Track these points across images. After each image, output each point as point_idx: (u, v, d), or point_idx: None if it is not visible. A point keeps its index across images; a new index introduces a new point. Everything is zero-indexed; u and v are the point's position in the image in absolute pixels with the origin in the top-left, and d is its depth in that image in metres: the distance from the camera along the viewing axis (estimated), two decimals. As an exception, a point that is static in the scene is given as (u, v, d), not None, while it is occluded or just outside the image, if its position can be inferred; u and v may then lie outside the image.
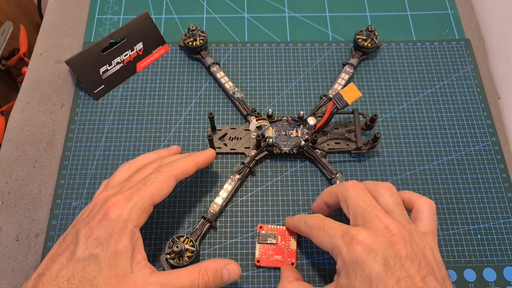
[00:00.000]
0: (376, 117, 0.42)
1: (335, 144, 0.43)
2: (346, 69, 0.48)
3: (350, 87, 0.38)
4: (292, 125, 0.44)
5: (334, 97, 0.39)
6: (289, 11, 0.54)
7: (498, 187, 0.43)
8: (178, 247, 0.35)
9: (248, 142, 0.43)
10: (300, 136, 0.43)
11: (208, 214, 0.39)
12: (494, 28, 0.52)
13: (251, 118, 0.43)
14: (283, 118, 0.44)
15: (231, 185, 0.41)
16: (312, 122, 0.42)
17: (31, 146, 0.45)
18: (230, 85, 0.46)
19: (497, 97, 0.49)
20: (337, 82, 0.47)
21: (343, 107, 0.38)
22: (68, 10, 0.53)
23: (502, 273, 0.39)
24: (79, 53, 0.45)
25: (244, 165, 0.42)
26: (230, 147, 0.43)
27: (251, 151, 0.42)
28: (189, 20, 0.53)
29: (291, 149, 0.42)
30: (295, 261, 0.38)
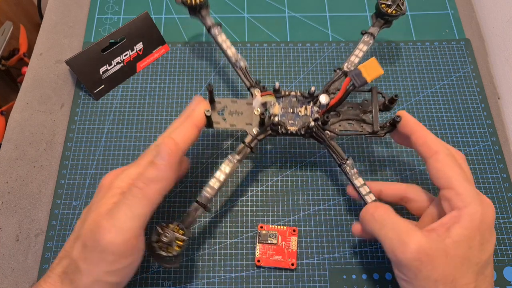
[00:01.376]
0: (397, 97, 0.36)
1: (347, 126, 0.38)
2: (365, 39, 0.42)
3: (371, 62, 0.33)
4: (301, 101, 0.39)
5: (352, 73, 0.33)
6: (289, 11, 0.54)
7: (498, 187, 0.43)
8: (167, 237, 0.32)
9: (250, 117, 0.37)
10: (309, 115, 0.38)
11: (201, 198, 0.35)
12: (494, 28, 0.52)
13: (255, 92, 0.38)
14: (291, 94, 0.39)
15: (229, 167, 0.36)
16: (324, 100, 0.37)
17: (31, 146, 0.45)
18: (233, 51, 0.41)
19: (497, 97, 0.49)
20: (354, 54, 0.41)
21: (360, 85, 0.33)
22: (68, 10, 0.53)
23: (502, 273, 0.39)
24: (79, 53, 0.45)
25: (245, 144, 0.37)
26: (230, 123, 0.37)
27: (253, 129, 0.37)
28: (189, 20, 0.53)
29: (298, 130, 0.37)
30: (295, 261, 0.38)
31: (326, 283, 0.38)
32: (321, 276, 0.39)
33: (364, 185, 0.36)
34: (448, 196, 0.30)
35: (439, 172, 0.31)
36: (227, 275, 0.38)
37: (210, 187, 0.35)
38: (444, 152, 0.32)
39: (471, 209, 0.29)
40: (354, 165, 0.37)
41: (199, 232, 0.40)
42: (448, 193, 0.30)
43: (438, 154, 0.32)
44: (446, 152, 0.32)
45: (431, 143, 0.33)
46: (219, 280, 0.38)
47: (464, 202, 0.29)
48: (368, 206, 0.34)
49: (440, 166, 0.31)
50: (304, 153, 0.44)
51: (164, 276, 0.38)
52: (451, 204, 0.30)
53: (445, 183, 0.31)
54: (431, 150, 0.32)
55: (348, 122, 0.38)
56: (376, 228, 0.32)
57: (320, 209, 0.41)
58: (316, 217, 0.41)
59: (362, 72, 0.33)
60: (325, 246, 0.40)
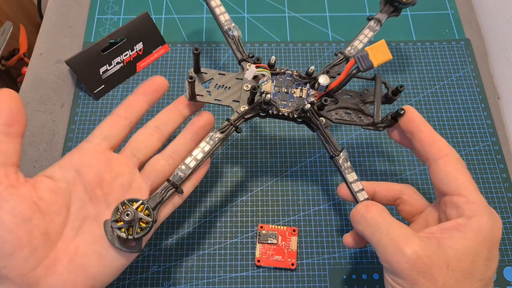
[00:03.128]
0: (402, 88, 0.33)
1: (344, 115, 0.35)
2: (371, 25, 0.39)
3: (380, 45, 0.30)
4: (296, 82, 0.35)
5: (357, 55, 0.30)
6: (289, 11, 0.54)
7: (498, 187, 0.43)
8: (128, 215, 0.27)
9: (238, 94, 0.34)
10: (305, 98, 0.35)
11: (174, 177, 0.31)
12: (494, 28, 0.52)
13: (247, 66, 0.35)
14: (286, 72, 0.35)
15: (209, 145, 0.32)
16: (324, 81, 0.33)
17: (31, 146, 0.45)
18: (226, 18, 0.37)
19: (497, 97, 0.49)
20: (358, 39, 0.38)
21: (366, 69, 0.30)
22: (68, 10, 0.53)
23: (502, 273, 0.39)
24: (79, 53, 0.45)
25: (229, 122, 0.33)
26: (215, 97, 0.34)
27: (241, 107, 0.33)
28: (189, 20, 0.53)
29: (291, 112, 0.34)
30: (295, 261, 0.38)
31: (326, 283, 0.38)
32: (321, 276, 0.39)
33: (357, 181, 0.33)
34: (457, 203, 0.28)
35: (448, 176, 0.28)
36: (227, 275, 0.38)
37: (186, 166, 0.31)
38: (455, 155, 0.29)
39: (481, 220, 0.27)
40: (347, 159, 0.34)
41: (199, 232, 0.40)
42: (458, 199, 0.28)
43: (449, 157, 0.29)
44: (456, 156, 0.29)
45: (441, 144, 0.30)
46: (219, 280, 0.38)
47: (474, 212, 0.27)
48: (359, 206, 0.30)
49: (451, 170, 0.29)
50: (304, 153, 0.44)
51: (164, 276, 0.38)
52: (459, 212, 0.27)
53: (455, 189, 0.28)
54: (441, 151, 0.29)
55: (346, 111, 0.35)
56: (368, 232, 0.28)
57: (320, 209, 0.41)
58: (316, 217, 0.41)
59: (370, 54, 0.30)
60: (325, 246, 0.40)
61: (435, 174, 0.30)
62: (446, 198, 0.29)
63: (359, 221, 0.29)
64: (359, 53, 0.30)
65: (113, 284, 0.38)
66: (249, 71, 0.34)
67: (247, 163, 0.44)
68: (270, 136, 0.45)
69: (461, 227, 0.27)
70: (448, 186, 0.28)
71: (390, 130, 0.35)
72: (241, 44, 0.36)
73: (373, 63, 0.30)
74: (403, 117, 0.32)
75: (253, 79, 0.34)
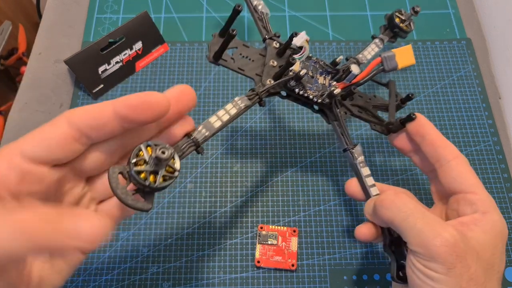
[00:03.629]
0: (412, 96, 0.34)
1: (357, 112, 0.36)
2: (376, 41, 0.40)
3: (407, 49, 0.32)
4: (320, 69, 0.35)
5: (384, 54, 0.32)
6: (289, 10, 0.54)
7: (499, 187, 0.43)
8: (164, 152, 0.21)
9: (261, 68, 0.33)
10: (327, 86, 0.35)
11: (198, 134, 0.26)
12: (496, 28, 0.52)
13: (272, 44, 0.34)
14: (312, 59, 0.35)
15: (235, 108, 0.29)
16: (356, 70, 0.33)
17: (29, 146, 0.44)
18: None
19: (498, 96, 0.48)
20: (367, 50, 0.40)
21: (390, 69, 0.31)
22: (67, 10, 0.53)
23: (504, 274, 0.39)
24: (78, 53, 0.45)
25: (255, 92, 0.31)
26: (239, 65, 0.33)
27: (267, 80, 0.32)
28: (188, 20, 0.53)
29: (316, 96, 0.33)
30: (295, 262, 0.38)
31: (327, 284, 0.38)
32: (322, 277, 0.38)
33: (370, 176, 0.33)
34: (472, 200, 0.29)
35: (461, 175, 0.30)
36: (227, 276, 0.38)
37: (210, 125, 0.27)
38: (465, 158, 0.31)
39: (495, 216, 0.28)
40: (362, 152, 0.34)
41: (198, 233, 0.40)
42: (472, 197, 0.29)
43: (460, 159, 0.31)
44: (466, 158, 0.31)
45: (453, 147, 0.32)
46: (218, 281, 0.38)
47: (487, 208, 0.29)
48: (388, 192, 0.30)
49: (464, 170, 0.30)
50: (304, 153, 0.44)
51: (163, 277, 0.38)
52: (474, 208, 0.29)
53: (469, 188, 0.30)
54: (453, 153, 0.31)
55: (359, 110, 0.36)
56: (399, 217, 0.28)
57: (321, 209, 0.41)
58: (316, 218, 0.41)
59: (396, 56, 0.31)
60: (326, 246, 0.40)
61: (447, 174, 0.31)
62: (458, 196, 0.30)
63: (389, 207, 0.29)
64: (386, 53, 0.31)
65: (112, 285, 0.37)
66: (299, 36, 0.33)
67: (247, 163, 0.43)
68: (270, 136, 0.45)
69: (478, 222, 0.28)
70: (462, 184, 0.30)
71: (393, 137, 0.35)
72: (268, 22, 0.36)
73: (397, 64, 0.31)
74: (413, 122, 0.33)
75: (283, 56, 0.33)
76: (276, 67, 0.33)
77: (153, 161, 0.21)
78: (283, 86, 0.33)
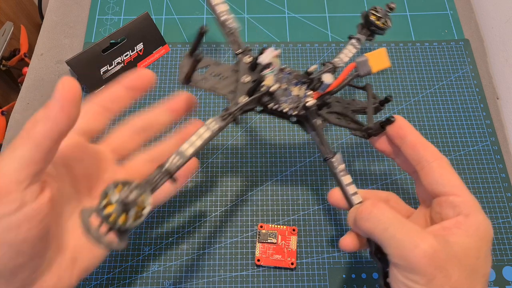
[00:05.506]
0: (390, 99, 0.33)
1: (335, 119, 0.35)
2: (353, 42, 0.39)
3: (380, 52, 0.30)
4: (295, 81, 0.34)
5: (358, 59, 0.31)
6: (289, 12, 0.54)
7: (497, 187, 0.43)
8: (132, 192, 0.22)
9: (234, 85, 0.32)
10: (303, 97, 0.34)
11: (169, 164, 0.27)
12: (493, 29, 0.52)
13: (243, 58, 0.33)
14: (286, 69, 0.34)
15: (209, 132, 0.29)
16: (328, 80, 0.32)
17: (32, 146, 0.45)
18: (223, 8, 0.35)
19: (496, 97, 0.49)
20: (343, 53, 0.39)
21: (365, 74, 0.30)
22: (68, 11, 0.54)
23: (501, 273, 0.39)
24: (80, 54, 0.45)
25: (228, 112, 0.31)
26: (211, 84, 0.32)
27: (240, 97, 0.32)
28: (189, 21, 0.53)
29: (291, 109, 0.33)
30: (295, 260, 0.39)
31: (326, 282, 0.38)
32: (321, 276, 0.39)
33: (351, 184, 0.32)
34: (454, 202, 0.28)
35: (443, 177, 0.29)
36: (227, 274, 0.39)
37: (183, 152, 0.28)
38: (446, 159, 0.30)
39: (479, 217, 0.28)
40: (342, 161, 0.33)
41: (199, 231, 0.40)
42: (455, 199, 0.28)
43: (441, 160, 0.30)
44: (447, 160, 0.30)
45: (433, 148, 0.31)
46: (219, 279, 0.38)
47: (471, 210, 0.28)
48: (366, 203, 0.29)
49: (446, 172, 0.30)
50: (303, 153, 0.44)
51: (164, 276, 0.38)
52: (457, 210, 0.28)
53: (451, 189, 0.29)
54: (434, 154, 0.30)
55: (337, 117, 0.35)
56: (379, 228, 0.27)
57: (320, 208, 0.42)
58: (315, 217, 0.41)
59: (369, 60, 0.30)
60: (325, 245, 0.40)
61: (428, 176, 0.30)
62: (441, 198, 0.29)
63: (368, 218, 0.28)
64: (359, 58, 0.30)
65: (114, 284, 0.38)
66: (266, 53, 0.32)
67: (247, 162, 0.44)
68: (269, 136, 0.45)
69: (462, 225, 0.27)
70: (443, 186, 0.29)
71: (374, 140, 0.34)
72: (239, 37, 0.35)
73: (371, 69, 0.30)
74: (393, 124, 0.32)
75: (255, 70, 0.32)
76: (249, 83, 0.32)
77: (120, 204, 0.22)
78: (257, 102, 0.32)
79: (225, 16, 0.35)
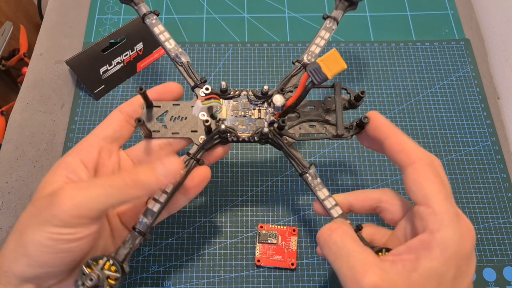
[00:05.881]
0: (363, 94, 0.31)
1: (309, 128, 0.33)
2: (327, 25, 0.36)
3: (331, 54, 0.28)
4: (253, 102, 0.34)
5: (309, 68, 0.28)
6: (289, 11, 0.54)
7: (498, 187, 0.43)
8: (92, 280, 0.25)
9: (196, 124, 0.33)
10: (264, 118, 0.33)
11: (141, 225, 0.30)
12: (494, 28, 0.52)
13: (199, 93, 0.33)
14: (242, 93, 0.34)
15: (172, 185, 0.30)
16: (279, 102, 0.31)
17: (31, 146, 0.45)
18: (172, 44, 0.35)
19: (496, 97, 0.49)
20: (314, 43, 0.36)
21: (321, 81, 0.28)
22: (68, 10, 0.53)
23: (502, 273, 0.39)
24: (79, 53, 0.45)
25: (190, 156, 0.31)
26: (172, 130, 0.32)
27: (199, 137, 0.32)
28: (189, 20, 0.53)
29: (251, 136, 0.33)
30: (295, 261, 0.38)
31: (326, 283, 0.38)
32: (321, 276, 0.39)
33: (329, 197, 0.31)
34: (422, 215, 0.25)
35: (415, 184, 0.26)
36: (227, 275, 0.39)
37: (150, 211, 0.30)
38: (425, 161, 0.27)
39: (446, 234, 0.24)
40: (317, 174, 0.32)
41: (199, 232, 0.40)
42: (424, 210, 0.25)
43: (417, 163, 0.27)
44: (426, 161, 0.27)
45: (410, 150, 0.27)
46: (219, 280, 0.38)
47: (439, 225, 0.24)
48: (323, 229, 0.28)
49: (418, 177, 0.26)
50: (304, 153, 0.44)
51: (164, 276, 0.38)
52: (423, 225, 0.25)
53: (421, 199, 0.26)
54: (409, 158, 0.27)
55: (310, 124, 0.33)
56: (330, 259, 0.26)
57: (320, 209, 0.41)
58: (316, 217, 0.41)
59: (322, 66, 0.28)
60: (325, 246, 0.40)
61: (405, 182, 0.27)
62: (415, 208, 0.27)
63: (322, 245, 0.28)
64: (310, 66, 0.28)
65: (113, 284, 0.38)
66: (195, 107, 0.32)
67: (247, 163, 0.44)
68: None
69: (427, 245, 0.24)
70: (415, 195, 0.26)
71: (359, 137, 0.32)
72: (192, 70, 0.34)
73: (327, 74, 0.27)
74: (368, 125, 0.30)
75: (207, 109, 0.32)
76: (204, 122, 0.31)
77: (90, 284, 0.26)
78: (217, 137, 0.32)
79: (175, 52, 0.35)
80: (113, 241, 0.31)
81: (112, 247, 0.31)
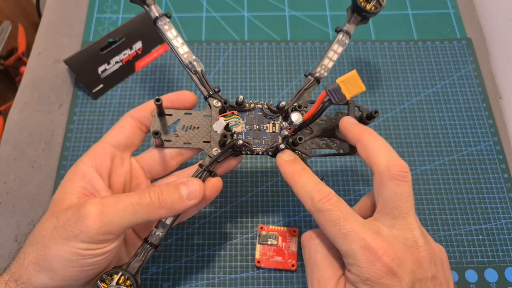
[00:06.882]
0: (376, 114, 0.32)
1: (320, 143, 0.34)
2: (340, 38, 0.37)
3: (352, 76, 0.28)
4: (268, 116, 0.33)
5: (329, 87, 0.28)
6: (289, 10, 0.54)
7: (499, 187, 0.43)
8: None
9: (209, 134, 0.32)
10: (278, 132, 0.33)
11: (153, 237, 0.30)
12: (496, 27, 0.51)
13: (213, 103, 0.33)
14: (257, 106, 0.33)
15: None
16: (297, 120, 0.32)
17: (29, 146, 0.44)
18: (185, 50, 0.34)
19: (498, 96, 0.48)
20: (327, 57, 0.36)
21: (339, 102, 0.28)
22: (66, 9, 0.53)
23: (504, 274, 0.39)
24: (78, 53, 0.45)
25: (202, 168, 0.31)
26: (184, 140, 0.32)
27: (213, 149, 0.32)
28: (188, 19, 0.53)
29: (266, 150, 0.33)
30: (295, 262, 0.38)
31: (327, 284, 0.38)
32: (322, 277, 0.38)
33: None
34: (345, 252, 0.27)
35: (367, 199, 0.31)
36: (227, 276, 0.38)
37: (163, 224, 0.30)
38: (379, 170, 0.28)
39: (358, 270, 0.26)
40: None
41: (198, 233, 0.40)
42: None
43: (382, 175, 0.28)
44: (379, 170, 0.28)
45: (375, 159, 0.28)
46: (218, 281, 0.38)
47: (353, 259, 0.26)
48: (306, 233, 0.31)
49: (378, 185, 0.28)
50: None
51: (163, 277, 0.38)
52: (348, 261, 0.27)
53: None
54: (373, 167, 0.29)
55: (321, 139, 0.34)
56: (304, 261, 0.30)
57: (321, 209, 0.41)
58: (316, 218, 0.41)
59: (341, 87, 0.28)
60: (326, 247, 0.40)
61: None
62: None
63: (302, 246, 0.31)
64: (330, 86, 0.28)
65: (112, 285, 0.37)
66: (217, 124, 0.32)
67: (247, 163, 0.43)
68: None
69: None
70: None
71: None
72: (206, 79, 0.34)
73: (346, 96, 0.28)
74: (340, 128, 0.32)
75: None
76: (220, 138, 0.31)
77: None
78: (231, 151, 0.32)
79: (188, 59, 0.34)
80: (127, 249, 0.32)
81: (126, 255, 0.32)
